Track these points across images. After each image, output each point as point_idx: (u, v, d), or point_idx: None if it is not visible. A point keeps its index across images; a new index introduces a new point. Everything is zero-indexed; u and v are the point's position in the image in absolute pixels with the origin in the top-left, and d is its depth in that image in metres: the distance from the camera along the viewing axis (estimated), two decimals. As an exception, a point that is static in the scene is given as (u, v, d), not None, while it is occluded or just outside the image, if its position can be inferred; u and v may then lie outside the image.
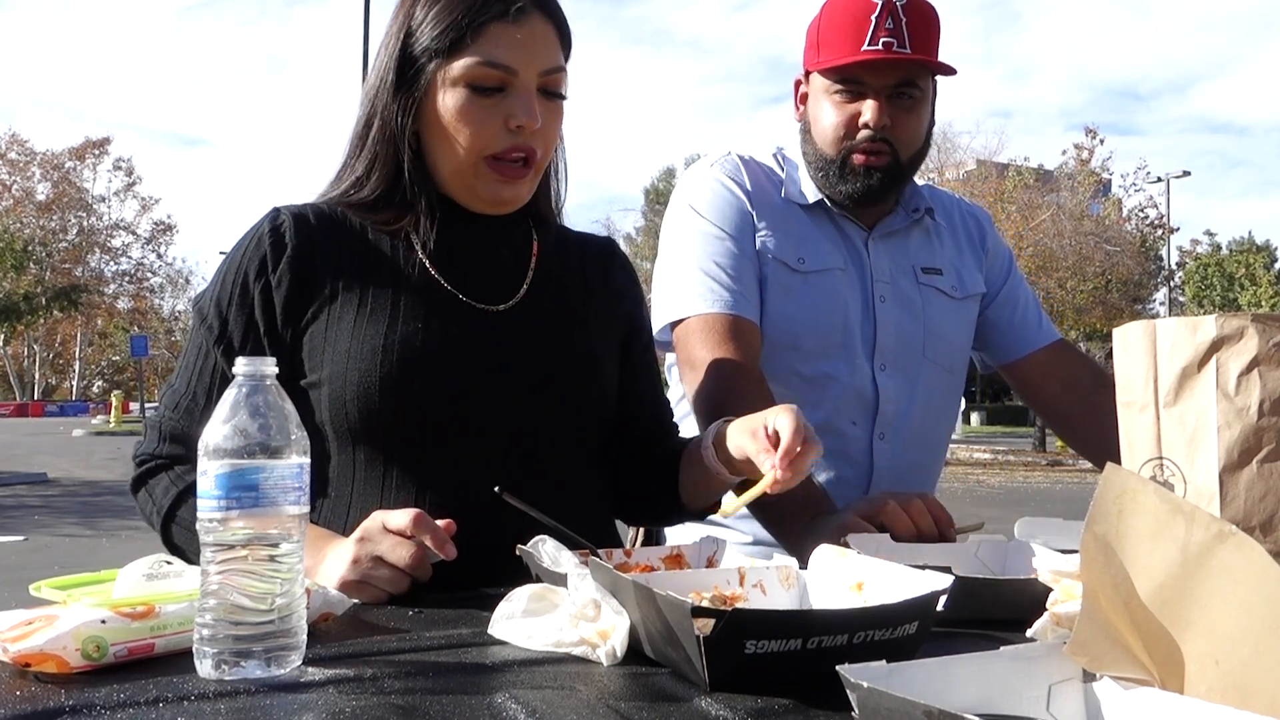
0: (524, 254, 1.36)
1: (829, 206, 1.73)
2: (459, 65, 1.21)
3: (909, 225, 1.77)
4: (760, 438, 1.11)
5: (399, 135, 1.26)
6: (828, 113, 1.64)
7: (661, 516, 1.47)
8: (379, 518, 1.07)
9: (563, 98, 1.27)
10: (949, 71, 1.63)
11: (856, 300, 1.69)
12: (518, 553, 1.02)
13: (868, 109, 1.60)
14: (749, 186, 1.72)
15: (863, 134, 1.61)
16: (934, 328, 1.74)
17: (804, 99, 1.72)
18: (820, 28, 1.65)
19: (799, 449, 1.07)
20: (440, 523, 1.06)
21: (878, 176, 1.64)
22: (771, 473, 1.07)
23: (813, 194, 1.72)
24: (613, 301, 1.42)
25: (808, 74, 1.70)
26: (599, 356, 1.35)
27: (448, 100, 1.23)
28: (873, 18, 1.56)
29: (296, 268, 1.24)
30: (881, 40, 1.56)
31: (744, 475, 1.23)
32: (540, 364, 1.28)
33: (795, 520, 1.40)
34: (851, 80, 1.61)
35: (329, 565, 1.07)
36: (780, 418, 1.11)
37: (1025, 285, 1.90)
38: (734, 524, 1.68)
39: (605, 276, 1.43)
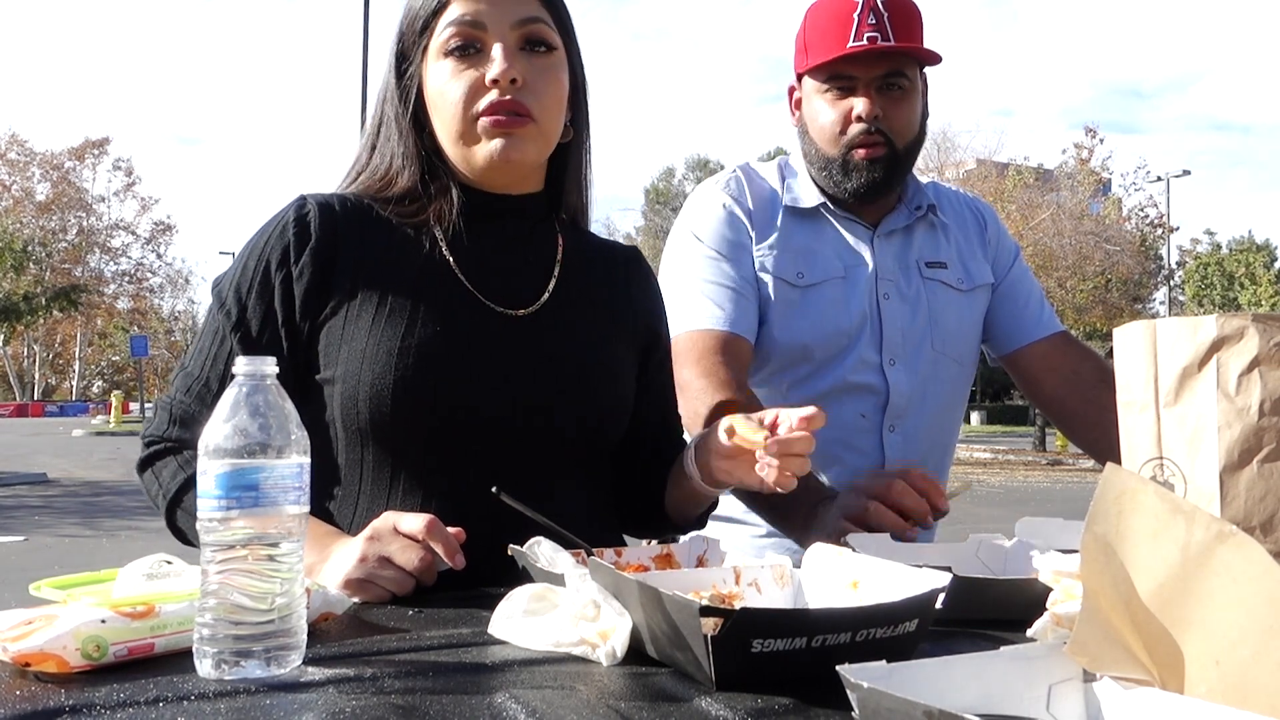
0: (549, 256, 1.35)
1: (831, 209, 1.75)
2: (435, 40, 1.24)
3: (913, 223, 1.79)
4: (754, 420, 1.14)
5: (407, 126, 1.27)
6: (822, 111, 1.69)
7: (654, 528, 1.45)
8: (391, 519, 1.06)
9: (550, 48, 1.26)
10: (935, 60, 1.67)
11: (860, 301, 1.71)
12: (509, 552, 1.02)
13: (859, 102, 1.65)
14: (750, 205, 1.75)
15: (856, 127, 1.65)
16: (940, 321, 1.76)
17: (798, 104, 1.77)
18: (806, 31, 1.71)
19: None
20: (451, 530, 1.05)
21: (879, 169, 1.67)
22: (761, 434, 1.10)
23: (814, 199, 1.75)
24: (634, 313, 1.40)
25: (799, 78, 1.74)
26: (618, 367, 1.34)
27: (433, 76, 1.26)
28: (855, 15, 1.61)
29: (319, 260, 1.22)
30: (866, 35, 1.61)
31: (719, 484, 1.23)
32: (558, 374, 1.26)
33: (796, 510, 1.42)
34: (840, 76, 1.66)
35: (335, 562, 1.06)
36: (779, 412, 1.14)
37: (1030, 279, 1.90)
38: (746, 515, 1.69)
39: (627, 287, 1.42)
